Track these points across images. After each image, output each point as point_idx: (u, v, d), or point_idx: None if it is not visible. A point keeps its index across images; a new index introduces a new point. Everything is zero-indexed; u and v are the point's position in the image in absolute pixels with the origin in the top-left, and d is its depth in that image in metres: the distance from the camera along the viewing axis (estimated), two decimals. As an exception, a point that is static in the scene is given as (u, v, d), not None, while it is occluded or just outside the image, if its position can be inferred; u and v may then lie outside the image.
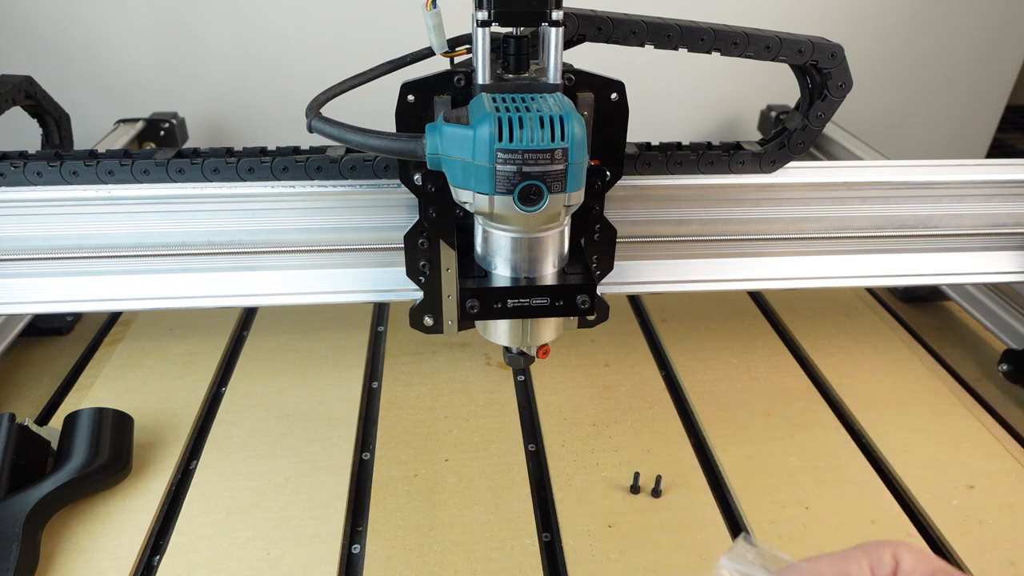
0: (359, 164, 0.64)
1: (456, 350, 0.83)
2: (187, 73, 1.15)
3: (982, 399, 0.78)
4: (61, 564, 0.57)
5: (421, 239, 0.63)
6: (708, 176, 0.68)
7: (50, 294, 0.69)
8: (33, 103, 0.85)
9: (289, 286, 0.69)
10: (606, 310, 0.69)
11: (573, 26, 0.57)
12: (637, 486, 0.64)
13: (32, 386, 0.78)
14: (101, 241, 0.67)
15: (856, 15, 1.22)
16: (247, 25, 1.12)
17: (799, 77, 0.65)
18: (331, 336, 0.85)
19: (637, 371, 0.80)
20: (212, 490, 0.64)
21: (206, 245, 0.68)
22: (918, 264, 0.74)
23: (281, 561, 0.57)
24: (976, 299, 0.88)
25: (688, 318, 0.89)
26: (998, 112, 1.38)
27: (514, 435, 0.71)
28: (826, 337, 0.87)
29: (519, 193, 0.48)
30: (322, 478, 0.65)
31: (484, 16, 0.51)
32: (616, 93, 0.58)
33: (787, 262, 0.73)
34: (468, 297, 0.54)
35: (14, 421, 0.61)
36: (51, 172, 0.64)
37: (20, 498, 0.58)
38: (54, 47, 1.10)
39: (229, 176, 0.65)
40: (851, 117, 1.06)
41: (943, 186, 0.71)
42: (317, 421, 0.72)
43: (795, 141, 0.66)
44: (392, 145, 0.52)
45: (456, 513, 0.62)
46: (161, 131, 1.11)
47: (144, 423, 0.70)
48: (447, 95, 0.57)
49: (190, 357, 0.81)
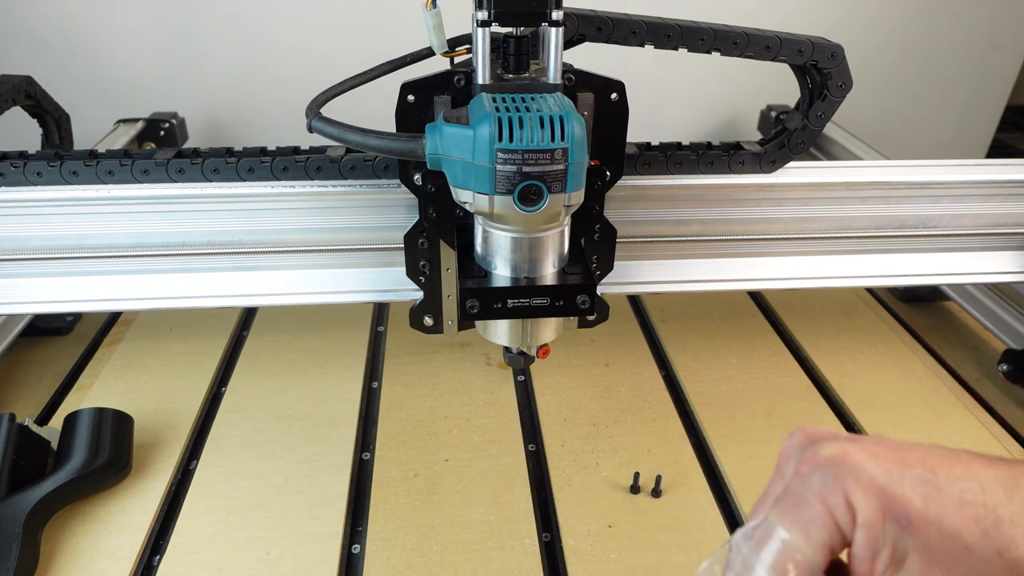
0: (359, 164, 0.64)
1: (456, 350, 0.83)
2: (187, 73, 1.15)
3: (982, 399, 0.78)
4: (61, 564, 0.57)
5: (421, 239, 0.63)
6: (708, 176, 0.68)
7: (50, 294, 0.69)
8: (33, 103, 0.85)
9: (289, 286, 0.69)
10: (606, 310, 0.69)
11: (573, 26, 0.57)
12: (637, 486, 0.64)
13: (32, 386, 0.78)
14: (101, 241, 0.67)
15: (856, 15, 1.22)
16: (247, 25, 1.12)
17: (799, 77, 0.65)
18: (331, 336, 0.85)
19: (637, 371, 0.80)
20: (212, 490, 0.64)
21: (206, 245, 0.68)
22: (918, 264, 0.74)
23: (281, 561, 0.57)
24: (976, 299, 0.88)
25: (688, 318, 0.89)
26: (998, 112, 1.38)
27: (514, 435, 0.71)
28: (826, 337, 0.87)
29: (519, 193, 0.48)
30: (322, 478, 0.65)
31: (484, 16, 0.51)
32: (616, 93, 0.58)
33: (787, 262, 0.73)
34: (468, 297, 0.54)
35: (14, 421, 0.61)
36: (51, 172, 0.64)
37: (20, 498, 0.58)
38: (54, 47, 1.10)
39: (229, 176, 0.65)
40: (851, 117, 1.06)
41: (943, 186, 0.71)
42: (317, 421, 0.72)
43: (795, 141, 0.66)
44: (392, 145, 0.52)
45: (456, 513, 0.62)
46: (161, 131, 1.11)
47: (144, 423, 0.70)
48: (447, 95, 0.57)
49: (190, 357, 0.81)
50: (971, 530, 0.28)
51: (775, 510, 0.31)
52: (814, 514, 0.29)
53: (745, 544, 0.31)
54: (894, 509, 0.29)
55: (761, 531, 0.30)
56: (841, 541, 0.29)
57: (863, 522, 0.29)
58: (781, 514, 0.30)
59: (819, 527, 0.29)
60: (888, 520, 0.29)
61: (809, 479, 0.30)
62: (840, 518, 0.29)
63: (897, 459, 0.30)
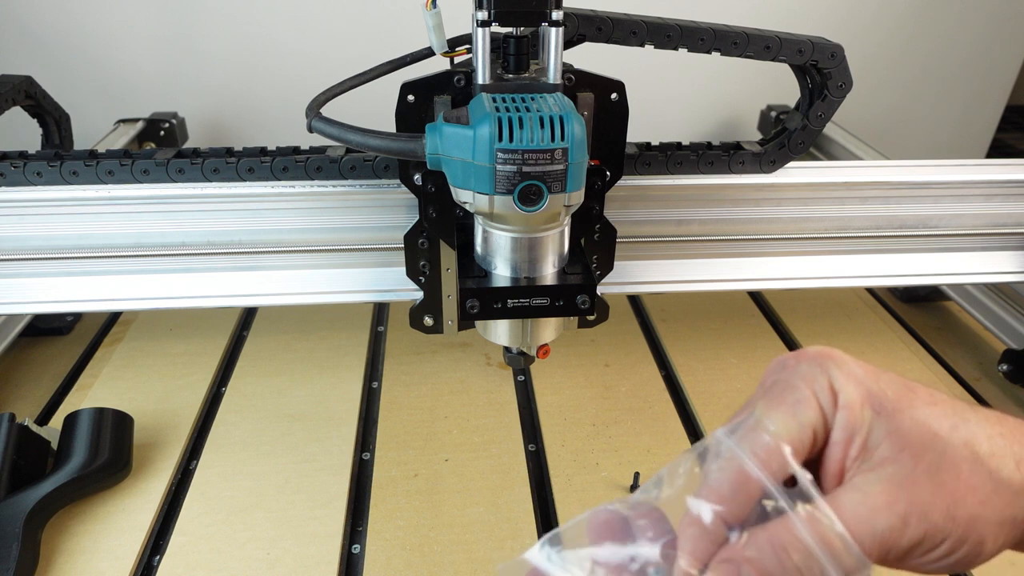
0: (359, 164, 0.64)
1: (456, 350, 0.83)
2: (187, 73, 1.15)
3: (982, 399, 0.78)
4: (61, 564, 0.57)
5: (421, 239, 0.63)
6: (708, 176, 0.68)
7: (50, 294, 0.69)
8: (33, 103, 0.85)
9: (289, 286, 0.69)
10: (606, 310, 0.69)
11: (573, 26, 0.57)
12: (637, 486, 0.64)
13: (32, 386, 0.78)
14: (101, 241, 0.67)
15: (856, 15, 1.22)
16: (247, 25, 1.12)
17: (799, 77, 0.65)
18: (331, 336, 0.85)
19: (637, 371, 0.80)
20: (212, 490, 0.64)
21: (206, 245, 0.68)
22: (918, 264, 0.74)
23: (281, 561, 0.57)
24: (976, 299, 0.88)
25: (688, 318, 0.89)
26: (998, 112, 1.38)
27: (514, 435, 0.71)
28: (826, 337, 0.87)
29: (519, 193, 0.48)
30: (322, 478, 0.65)
31: (484, 16, 0.51)
32: (616, 93, 0.58)
33: (787, 262, 0.73)
34: (468, 297, 0.54)
35: (14, 421, 0.61)
36: (51, 172, 0.64)
37: (20, 498, 0.58)
38: (54, 47, 1.10)
39: (229, 176, 0.65)
40: (851, 117, 1.06)
41: (943, 186, 0.71)
42: (317, 421, 0.72)
43: (795, 141, 0.66)
44: (392, 145, 0.52)
45: (456, 513, 0.62)
46: (161, 131, 1.11)
47: (144, 423, 0.70)
48: (447, 95, 0.57)
49: (190, 357, 0.81)
50: (940, 423, 0.30)
51: (763, 399, 0.32)
52: (800, 396, 0.31)
53: (728, 438, 0.31)
54: (872, 397, 0.31)
55: (747, 425, 0.31)
56: (823, 425, 0.31)
57: (844, 403, 0.31)
58: (768, 400, 0.32)
59: (804, 407, 0.31)
60: (865, 406, 0.31)
61: (797, 368, 0.32)
62: (823, 400, 0.31)
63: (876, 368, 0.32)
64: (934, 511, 0.29)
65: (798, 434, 0.30)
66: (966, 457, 0.29)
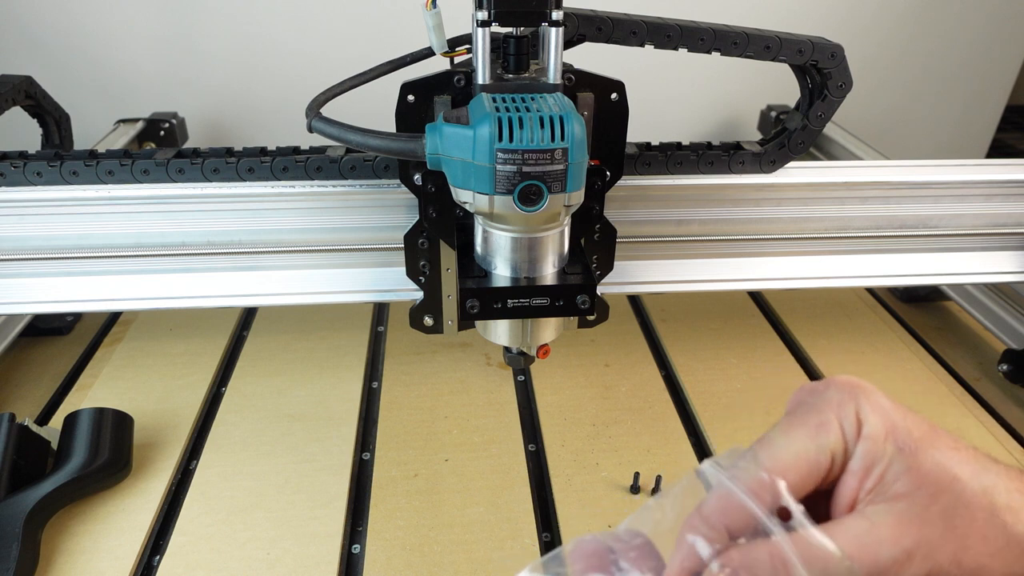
0: (359, 164, 0.64)
1: (456, 350, 0.83)
2: (187, 73, 1.15)
3: (982, 399, 0.78)
4: (61, 564, 0.57)
5: (421, 239, 0.63)
6: (708, 176, 0.68)
7: (50, 294, 0.69)
8: (33, 103, 0.85)
9: (289, 286, 0.69)
10: (606, 310, 0.69)
11: (573, 26, 0.57)
12: (637, 486, 0.64)
13: (32, 386, 0.78)
14: (101, 241, 0.67)
15: (856, 15, 1.22)
16: (247, 25, 1.12)
17: (799, 77, 0.65)
18: (331, 336, 0.85)
19: (637, 371, 0.80)
20: (212, 490, 0.64)
21: (206, 245, 0.68)
22: (918, 264, 0.74)
23: (281, 561, 0.57)
24: (976, 299, 0.88)
25: (688, 318, 0.89)
26: (998, 112, 1.38)
27: (514, 435, 0.71)
28: (826, 337, 0.87)
29: (519, 193, 0.48)
30: (322, 478, 0.65)
31: (484, 16, 0.51)
32: (616, 93, 0.58)
33: (787, 262, 0.73)
34: (468, 297, 0.54)
35: (14, 421, 0.61)
36: (51, 172, 0.64)
37: (20, 498, 0.58)
38: (54, 47, 1.10)
39: (229, 176, 0.65)
40: (851, 117, 1.06)
41: (943, 186, 0.71)
42: (317, 421, 0.72)
43: (795, 141, 0.66)
44: (392, 145, 0.52)
45: (456, 513, 0.62)
46: (161, 131, 1.11)
47: (144, 423, 0.70)
48: (447, 95, 0.57)
49: (190, 357, 0.81)
50: (962, 468, 0.30)
51: (783, 419, 0.32)
52: (823, 419, 0.31)
53: (722, 470, 0.31)
54: (896, 432, 0.31)
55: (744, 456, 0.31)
56: (843, 452, 0.31)
57: (867, 434, 0.31)
58: (790, 420, 0.32)
59: (826, 431, 0.31)
60: (888, 440, 0.30)
61: (825, 393, 0.32)
62: (847, 428, 0.31)
63: (905, 407, 0.32)
64: (941, 553, 0.28)
65: (815, 456, 0.30)
66: (983, 506, 0.29)
